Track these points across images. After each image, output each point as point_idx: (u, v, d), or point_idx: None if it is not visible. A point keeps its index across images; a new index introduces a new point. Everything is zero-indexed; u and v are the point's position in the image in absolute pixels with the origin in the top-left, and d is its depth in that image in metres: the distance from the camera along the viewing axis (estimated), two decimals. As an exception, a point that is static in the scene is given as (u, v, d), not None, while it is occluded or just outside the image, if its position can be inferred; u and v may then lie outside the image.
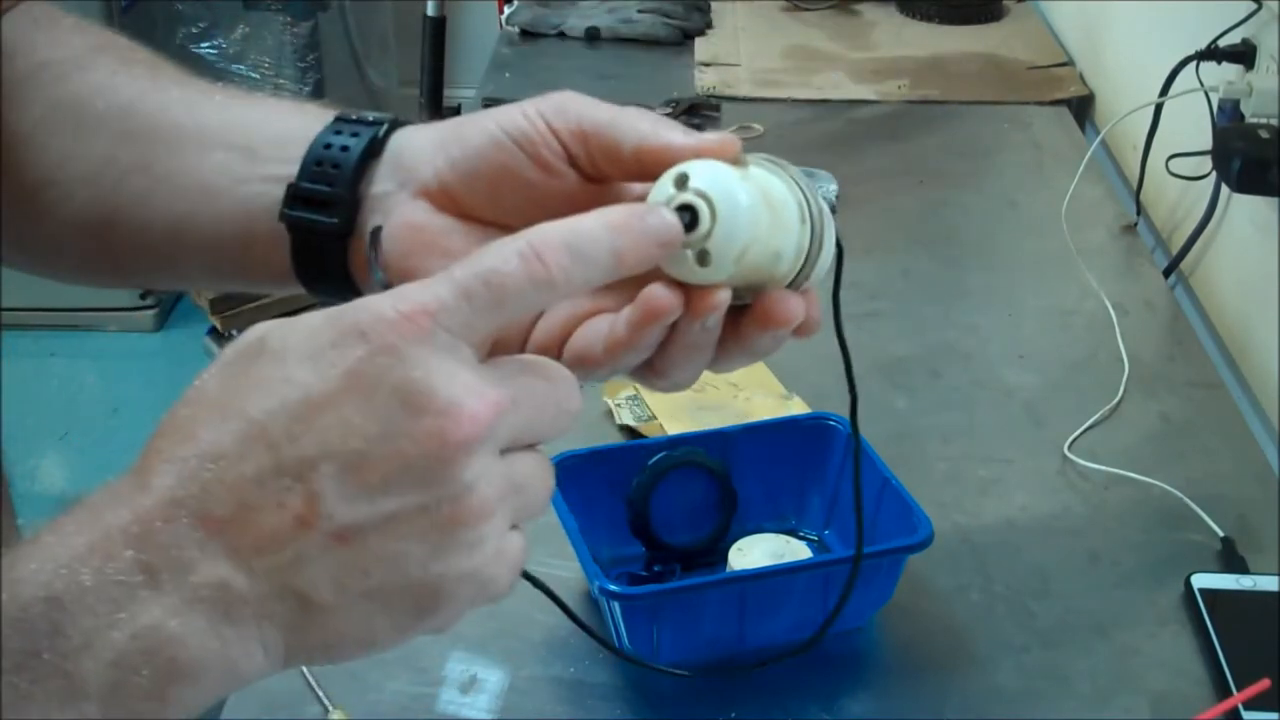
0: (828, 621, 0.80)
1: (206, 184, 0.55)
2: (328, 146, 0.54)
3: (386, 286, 0.50)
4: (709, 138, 0.49)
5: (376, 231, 0.53)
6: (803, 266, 0.49)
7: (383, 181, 0.54)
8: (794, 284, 0.49)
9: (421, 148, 0.53)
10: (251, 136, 0.56)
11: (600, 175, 0.51)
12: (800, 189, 0.49)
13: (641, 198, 0.52)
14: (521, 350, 0.51)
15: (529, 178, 0.51)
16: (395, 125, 0.55)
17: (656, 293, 0.47)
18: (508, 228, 0.51)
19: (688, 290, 0.48)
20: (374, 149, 0.54)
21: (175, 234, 0.56)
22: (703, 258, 0.47)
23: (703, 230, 0.46)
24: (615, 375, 0.51)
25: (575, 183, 0.51)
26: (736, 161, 0.48)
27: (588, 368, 0.50)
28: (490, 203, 0.52)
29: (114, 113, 0.57)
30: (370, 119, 0.55)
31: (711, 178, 0.47)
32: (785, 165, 0.49)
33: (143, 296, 2.87)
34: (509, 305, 0.43)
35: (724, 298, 0.48)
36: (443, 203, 0.53)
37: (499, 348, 0.47)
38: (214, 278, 0.58)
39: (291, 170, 0.54)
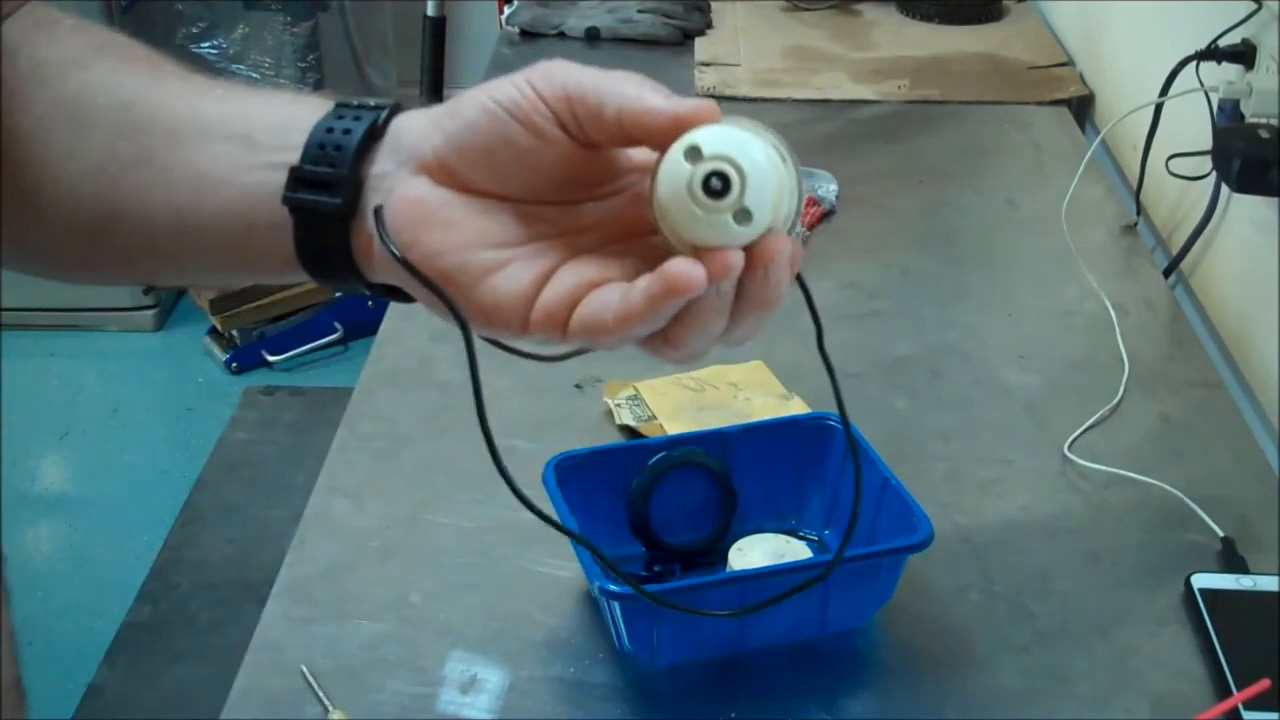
0: (834, 561, 0.80)
1: (207, 174, 0.55)
2: (330, 130, 0.54)
3: (401, 260, 0.52)
4: (688, 102, 0.50)
5: (379, 210, 0.53)
6: (798, 201, 0.51)
7: (383, 162, 0.54)
8: (797, 215, 0.51)
9: (419, 127, 0.54)
10: (251, 126, 0.56)
11: (589, 140, 0.52)
12: (765, 133, 0.51)
13: (638, 167, 0.54)
14: (526, 318, 0.52)
15: (522, 145, 0.52)
16: (396, 109, 0.55)
17: (681, 267, 0.48)
18: (506, 198, 0.53)
19: (699, 256, 0.49)
20: (375, 132, 0.54)
21: (177, 226, 0.56)
22: (742, 217, 0.48)
23: (735, 192, 0.48)
24: (623, 345, 0.52)
25: (569, 147, 0.52)
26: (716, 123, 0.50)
27: (596, 337, 0.51)
28: (487, 173, 0.53)
29: (114, 108, 0.57)
30: (371, 104, 0.55)
31: (724, 140, 0.49)
32: (736, 117, 0.51)
33: (145, 293, 2.88)
34: None
35: (738, 259, 0.49)
36: (441, 176, 0.53)
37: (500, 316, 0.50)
38: (217, 270, 0.59)
39: (293, 157, 0.54)
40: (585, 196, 0.54)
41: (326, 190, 0.53)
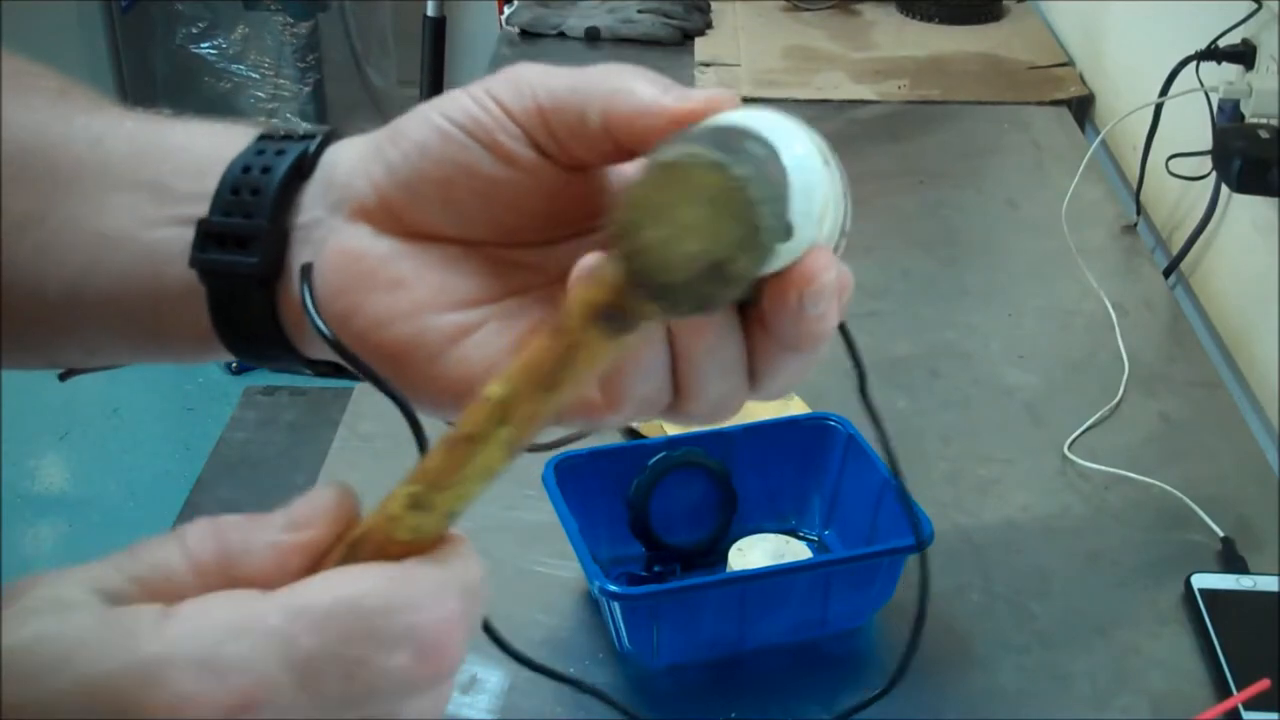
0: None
1: (108, 231, 0.44)
2: (246, 170, 0.43)
3: (332, 340, 0.42)
4: (695, 95, 0.38)
5: (306, 271, 0.42)
6: (845, 214, 0.40)
7: (312, 207, 0.43)
8: (843, 236, 0.40)
9: (354, 158, 0.43)
10: (163, 170, 0.45)
11: (573, 160, 0.41)
12: (800, 125, 0.38)
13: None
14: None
15: (489, 174, 0.41)
16: (331, 138, 0.44)
17: (586, 261, 0.36)
18: (470, 242, 0.42)
19: None
20: (302, 168, 0.43)
21: (73, 293, 0.45)
22: (783, 231, 0.36)
23: None
24: (636, 418, 0.41)
25: (548, 173, 0.41)
26: None
27: (591, 416, 0.40)
28: (444, 213, 0.42)
29: (9, 156, 0.46)
30: (300, 133, 0.44)
31: (758, 128, 0.36)
32: (757, 107, 0.39)
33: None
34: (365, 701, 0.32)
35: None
36: (384, 222, 0.42)
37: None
38: (125, 346, 0.47)
39: (205, 208, 0.44)
40: (571, 232, 0.43)
41: (242, 247, 0.43)
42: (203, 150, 0.45)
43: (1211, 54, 1.28)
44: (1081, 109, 1.72)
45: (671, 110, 0.38)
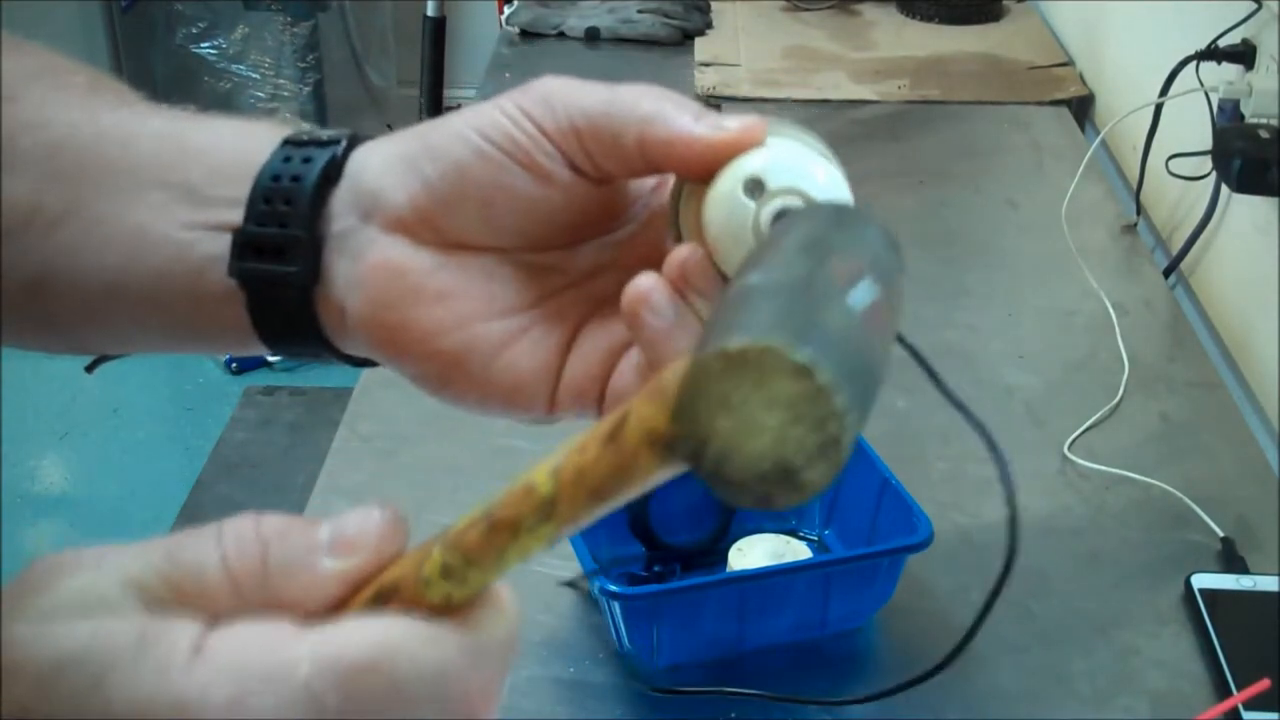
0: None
1: (143, 230, 0.46)
2: (276, 179, 0.45)
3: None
4: (730, 125, 0.41)
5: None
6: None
7: (344, 215, 0.45)
8: None
9: (385, 168, 0.44)
10: (191, 170, 0.46)
11: (604, 175, 0.44)
12: (812, 141, 0.43)
13: (649, 187, 0.46)
14: (553, 396, 0.45)
15: (525, 191, 0.43)
16: (355, 142, 0.46)
17: (639, 283, 0.40)
18: (500, 251, 0.45)
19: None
20: (331, 174, 0.45)
21: (112, 290, 0.47)
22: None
23: None
24: None
25: (580, 187, 0.44)
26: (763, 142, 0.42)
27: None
28: (481, 227, 0.44)
29: (40, 151, 0.47)
30: (324, 138, 0.46)
31: (788, 168, 0.41)
32: (776, 124, 0.43)
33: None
34: None
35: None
36: (423, 234, 0.44)
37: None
38: (165, 339, 0.49)
39: (239, 215, 0.45)
40: (594, 234, 0.46)
41: (280, 256, 0.44)
42: (228, 154, 0.46)
43: (1211, 54, 1.28)
44: (1081, 109, 1.72)
45: (706, 140, 0.41)
